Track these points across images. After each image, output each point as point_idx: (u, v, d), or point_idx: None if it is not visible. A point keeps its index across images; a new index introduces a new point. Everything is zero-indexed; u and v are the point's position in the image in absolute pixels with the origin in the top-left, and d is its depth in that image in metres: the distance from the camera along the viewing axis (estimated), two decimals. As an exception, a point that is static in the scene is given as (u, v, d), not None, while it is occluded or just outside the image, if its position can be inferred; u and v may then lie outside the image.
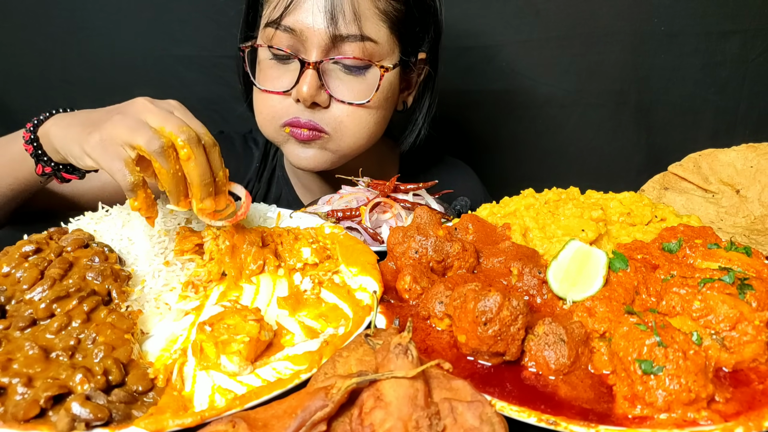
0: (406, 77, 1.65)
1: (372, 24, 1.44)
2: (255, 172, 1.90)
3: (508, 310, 0.85)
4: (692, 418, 0.75)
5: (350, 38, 1.41)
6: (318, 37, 1.40)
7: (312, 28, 1.39)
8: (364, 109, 1.50)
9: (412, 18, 1.53)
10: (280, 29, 1.42)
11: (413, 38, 1.58)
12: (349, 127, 1.50)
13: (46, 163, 1.25)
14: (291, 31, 1.41)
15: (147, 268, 1.08)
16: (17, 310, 0.91)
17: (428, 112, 1.75)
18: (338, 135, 1.51)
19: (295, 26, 1.40)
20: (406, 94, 1.71)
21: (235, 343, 0.86)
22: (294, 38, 1.42)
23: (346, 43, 1.42)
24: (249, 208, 1.18)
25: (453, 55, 2.31)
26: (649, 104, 2.41)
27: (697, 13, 2.25)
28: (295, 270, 1.13)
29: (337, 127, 1.49)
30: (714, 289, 0.90)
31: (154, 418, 0.76)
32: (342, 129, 1.50)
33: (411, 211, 1.42)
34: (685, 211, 1.51)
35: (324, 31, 1.39)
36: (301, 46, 1.43)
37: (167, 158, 1.01)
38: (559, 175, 1.85)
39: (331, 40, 1.40)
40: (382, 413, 0.67)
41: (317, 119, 1.47)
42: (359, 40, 1.42)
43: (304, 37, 1.41)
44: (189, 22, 2.31)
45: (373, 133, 1.57)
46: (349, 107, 1.48)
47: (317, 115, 1.47)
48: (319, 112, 1.47)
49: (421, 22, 1.58)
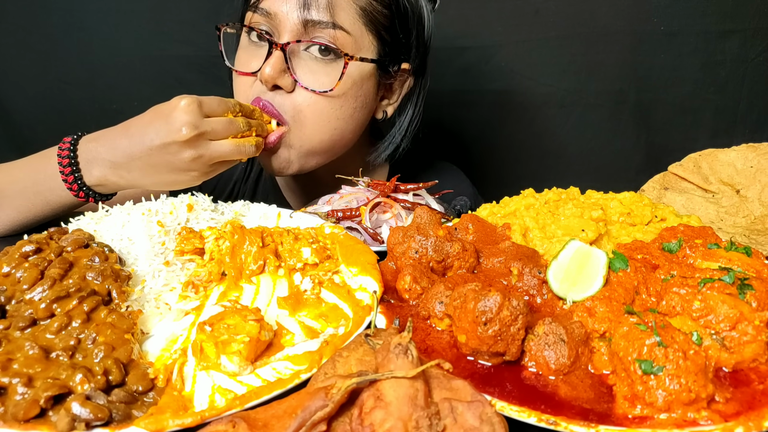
0: (386, 83, 1.63)
1: (346, 15, 1.45)
2: (241, 173, 1.90)
3: (508, 310, 0.85)
4: (692, 418, 0.75)
5: (321, 24, 1.43)
6: (290, 21, 1.42)
7: (284, 11, 1.42)
8: (326, 100, 1.48)
9: (394, 24, 1.53)
10: (257, 12, 1.46)
11: (395, 45, 1.57)
12: (309, 117, 1.48)
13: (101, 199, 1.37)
14: (266, 14, 1.44)
15: (147, 268, 1.08)
16: (17, 310, 0.91)
17: (409, 125, 1.73)
18: (298, 125, 1.49)
19: (270, 9, 1.43)
20: (386, 104, 1.69)
21: (235, 343, 0.86)
22: (269, 21, 1.45)
23: (317, 28, 1.43)
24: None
25: (451, 56, 2.32)
26: (649, 104, 2.42)
27: (696, 12, 2.25)
28: (295, 270, 1.13)
29: (296, 116, 1.48)
30: (714, 289, 0.90)
31: (154, 418, 0.76)
32: (302, 119, 1.48)
33: (411, 211, 1.42)
34: (685, 211, 1.51)
35: (296, 14, 1.42)
36: (275, 29, 1.46)
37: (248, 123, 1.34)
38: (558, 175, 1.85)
39: (302, 25, 1.42)
40: (382, 413, 0.67)
41: (277, 103, 1.46)
42: (330, 27, 1.43)
43: (278, 21, 1.44)
44: (188, 23, 2.31)
45: (337, 130, 1.54)
46: (312, 96, 1.46)
47: (277, 99, 1.47)
48: (279, 95, 1.47)
49: (405, 31, 1.58)
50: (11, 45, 2.32)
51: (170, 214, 1.20)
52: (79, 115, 2.41)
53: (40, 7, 2.28)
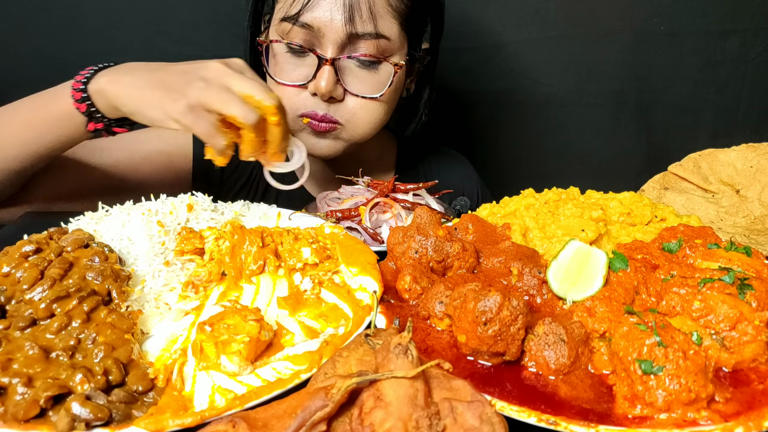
0: (411, 67, 1.69)
1: (386, 21, 1.47)
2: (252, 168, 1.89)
3: (508, 310, 0.85)
4: (692, 418, 0.75)
5: (366, 36, 1.45)
6: (335, 35, 1.43)
7: (329, 25, 1.42)
8: (376, 101, 1.55)
9: (418, 12, 1.58)
10: (297, 24, 1.45)
11: (419, 31, 1.63)
12: (362, 118, 1.56)
13: (98, 119, 1.27)
14: (308, 27, 1.44)
15: (147, 268, 1.08)
16: (17, 310, 0.91)
17: (429, 98, 1.82)
18: (351, 126, 1.56)
19: (313, 23, 1.43)
20: (409, 81, 1.75)
21: (235, 343, 0.86)
22: (311, 34, 1.45)
23: (361, 40, 1.46)
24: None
25: (452, 56, 2.31)
26: (649, 104, 2.41)
27: (696, 12, 2.25)
28: (295, 270, 1.13)
29: (350, 119, 1.55)
30: (714, 289, 0.90)
31: (154, 418, 0.76)
32: (355, 120, 1.56)
33: (411, 211, 1.42)
34: (685, 211, 1.51)
35: (341, 28, 1.42)
36: (317, 41, 1.46)
37: (259, 128, 1.12)
38: (559, 175, 1.85)
39: (347, 38, 1.44)
40: (382, 413, 0.67)
41: (332, 112, 1.53)
42: (374, 37, 1.46)
43: (321, 34, 1.44)
44: (189, 22, 2.30)
45: (382, 123, 1.63)
46: (363, 100, 1.53)
47: (332, 108, 1.53)
48: (334, 106, 1.53)
49: (427, 14, 1.64)
50: (13, 44, 2.32)
51: (170, 214, 1.20)
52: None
53: (42, 6, 2.27)
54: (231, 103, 1.10)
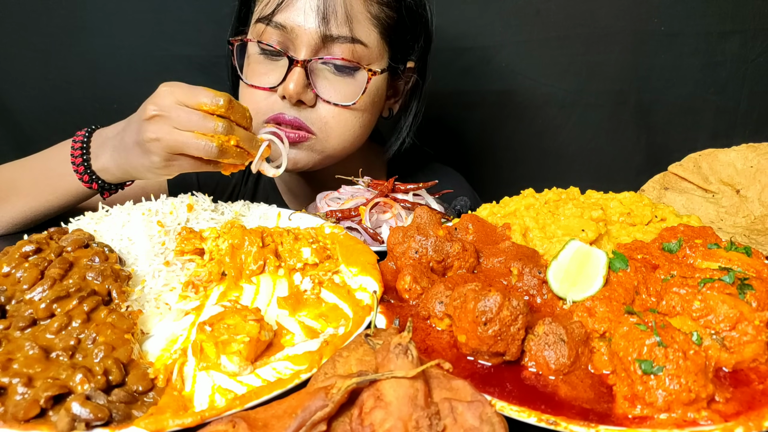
0: (394, 84, 1.65)
1: (363, 27, 1.45)
2: (241, 175, 1.89)
3: (508, 310, 0.85)
4: (692, 418, 0.75)
5: (340, 39, 1.42)
6: (308, 36, 1.41)
7: (303, 26, 1.40)
8: (349, 111, 1.51)
9: (403, 26, 1.54)
10: (270, 25, 1.43)
11: (403, 46, 1.59)
12: (335, 128, 1.51)
13: (105, 189, 1.35)
14: (282, 27, 1.42)
15: (147, 268, 1.08)
16: (17, 310, 0.91)
17: (414, 120, 1.75)
18: (324, 136, 1.52)
19: (286, 23, 1.41)
20: (393, 102, 1.71)
21: (235, 343, 0.86)
22: (284, 35, 1.43)
23: (336, 43, 1.43)
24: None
25: (452, 56, 2.31)
26: (649, 104, 2.42)
27: (697, 13, 2.25)
28: (295, 270, 1.13)
29: (322, 128, 1.50)
30: (714, 289, 0.90)
31: (154, 418, 0.76)
32: (327, 130, 1.51)
33: (411, 211, 1.42)
34: (685, 211, 1.51)
35: (315, 30, 1.40)
36: (290, 43, 1.44)
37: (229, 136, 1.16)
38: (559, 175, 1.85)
39: (321, 40, 1.41)
40: (382, 413, 0.67)
41: (303, 117, 1.48)
42: (349, 42, 1.43)
43: (294, 35, 1.42)
44: (189, 22, 2.31)
45: (358, 136, 1.58)
46: (335, 108, 1.49)
47: (303, 114, 1.48)
48: (304, 111, 1.48)
49: (412, 31, 1.59)
50: (13, 44, 2.32)
51: (170, 214, 1.20)
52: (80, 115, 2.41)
53: (42, 6, 2.28)
54: (186, 143, 1.13)
